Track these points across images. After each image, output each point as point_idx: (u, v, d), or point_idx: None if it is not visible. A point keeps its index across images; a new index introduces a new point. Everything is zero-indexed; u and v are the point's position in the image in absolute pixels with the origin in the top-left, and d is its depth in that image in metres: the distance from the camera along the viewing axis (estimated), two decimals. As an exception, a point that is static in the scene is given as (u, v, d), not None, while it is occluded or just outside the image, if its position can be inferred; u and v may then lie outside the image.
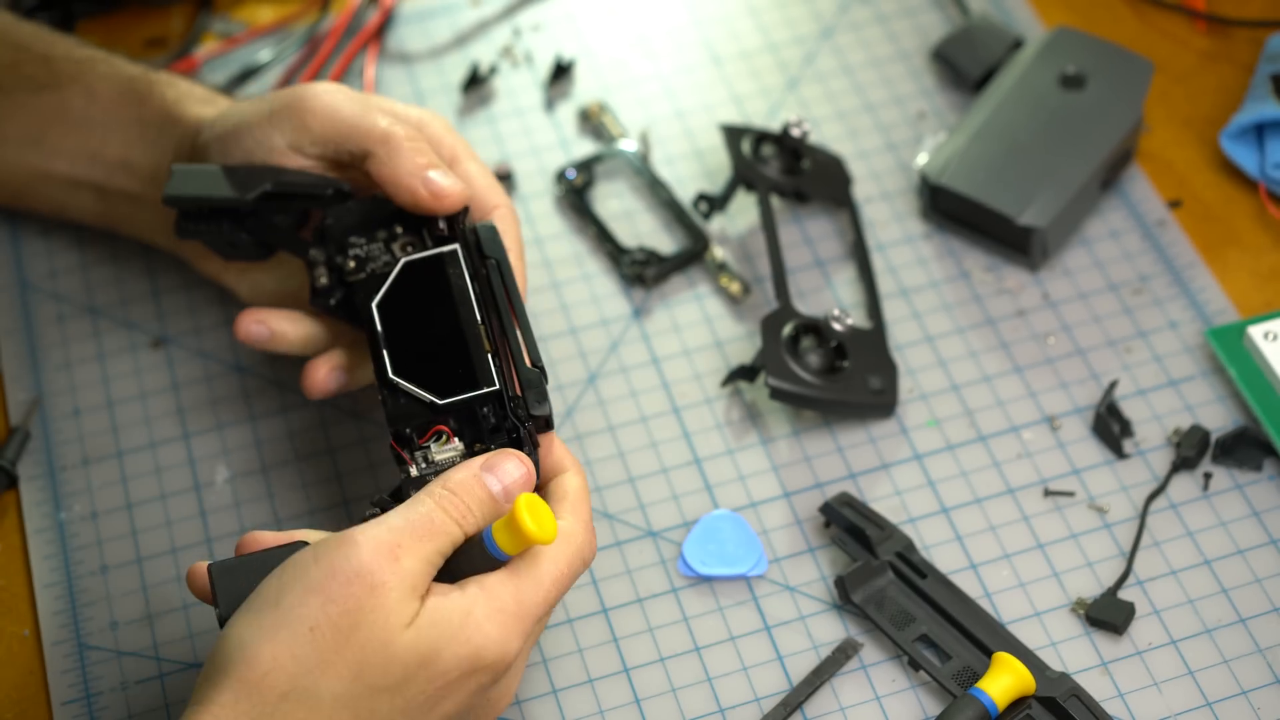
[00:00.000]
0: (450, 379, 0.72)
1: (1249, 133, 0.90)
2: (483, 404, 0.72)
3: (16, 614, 0.79)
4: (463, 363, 0.73)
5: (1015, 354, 0.85)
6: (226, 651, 0.62)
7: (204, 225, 0.79)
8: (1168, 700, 0.73)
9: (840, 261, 0.89)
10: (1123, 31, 0.98)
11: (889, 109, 0.96)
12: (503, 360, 0.73)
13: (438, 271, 0.76)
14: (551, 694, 0.75)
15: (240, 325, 0.79)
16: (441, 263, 0.76)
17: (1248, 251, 0.89)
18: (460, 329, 0.74)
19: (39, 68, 0.85)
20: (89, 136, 0.84)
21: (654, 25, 1.01)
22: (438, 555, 0.65)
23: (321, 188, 0.79)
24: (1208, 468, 0.80)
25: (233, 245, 0.80)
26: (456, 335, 0.74)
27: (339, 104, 0.78)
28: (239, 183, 0.78)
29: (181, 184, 0.78)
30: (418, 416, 0.72)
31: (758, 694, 0.74)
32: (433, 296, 0.75)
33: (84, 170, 0.85)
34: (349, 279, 0.78)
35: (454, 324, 0.74)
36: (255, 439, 0.84)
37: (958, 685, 0.73)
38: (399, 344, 0.74)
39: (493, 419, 0.72)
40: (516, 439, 0.71)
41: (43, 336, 0.88)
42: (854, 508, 0.78)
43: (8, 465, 0.82)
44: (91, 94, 0.84)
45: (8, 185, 0.87)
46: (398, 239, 0.79)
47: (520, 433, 0.71)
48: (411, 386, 0.72)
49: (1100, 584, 0.77)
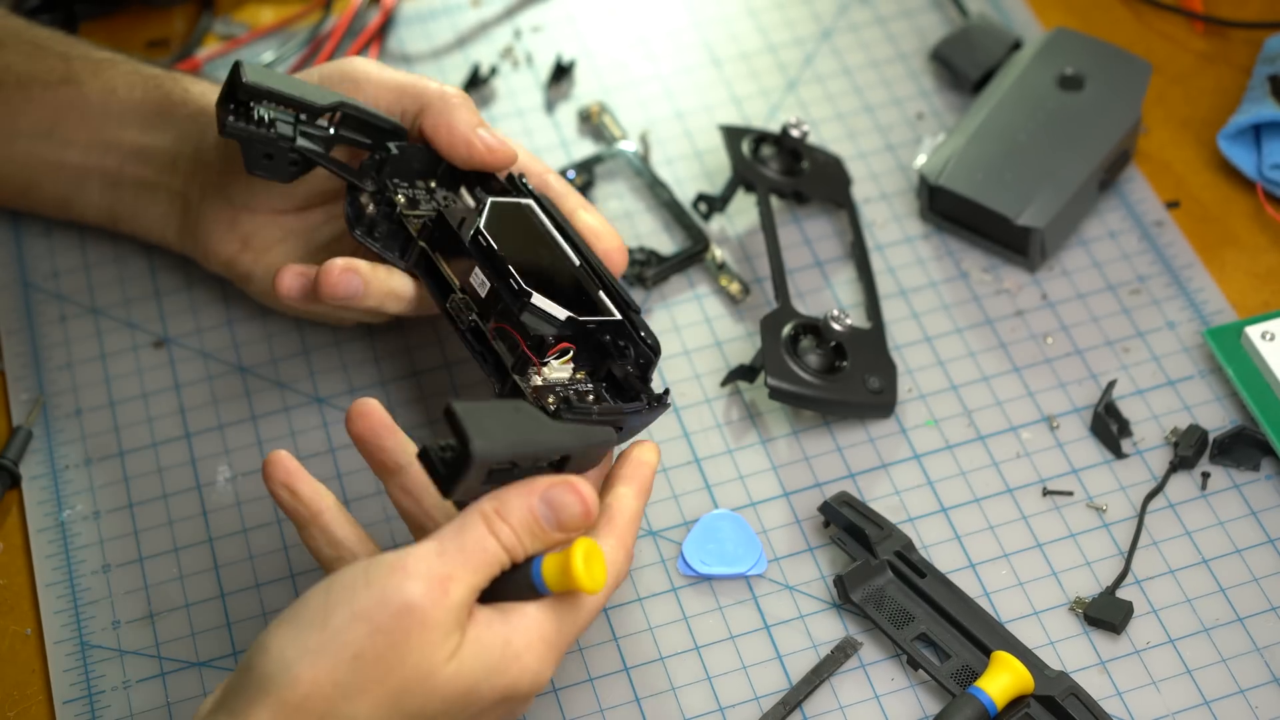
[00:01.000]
0: (575, 302, 0.74)
1: (1246, 133, 0.90)
2: (605, 331, 0.74)
3: (19, 613, 0.79)
4: (581, 293, 0.75)
5: (1014, 354, 0.85)
6: (266, 666, 0.62)
7: (254, 124, 0.75)
8: (1166, 699, 0.74)
9: (839, 262, 0.90)
10: (1121, 33, 0.98)
11: (888, 110, 0.96)
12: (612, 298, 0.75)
13: (522, 218, 0.78)
14: (552, 693, 0.75)
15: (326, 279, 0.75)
16: (523, 210, 0.78)
17: (1245, 252, 0.89)
18: (567, 264, 0.76)
19: (57, 63, 0.85)
20: (104, 125, 0.84)
21: (654, 27, 1.01)
22: (486, 583, 0.65)
23: (382, 121, 0.79)
24: (1205, 467, 0.81)
25: (269, 157, 0.76)
26: (565, 268, 0.76)
27: (385, 70, 0.80)
28: (309, 90, 0.77)
29: (257, 74, 0.75)
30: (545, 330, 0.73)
31: (757, 693, 0.75)
32: (529, 237, 0.77)
33: (96, 159, 0.85)
34: (402, 213, 0.78)
35: (560, 259, 0.76)
36: (256, 438, 0.84)
37: (956, 684, 0.73)
38: (517, 266, 0.74)
39: (614, 348, 0.74)
40: (646, 364, 0.74)
41: (45, 336, 0.88)
42: (853, 507, 0.78)
43: (10, 465, 0.82)
44: (111, 89, 0.84)
45: (15, 179, 0.87)
46: (437, 191, 0.80)
47: (651, 360, 0.73)
48: (547, 301, 0.73)
49: (1099, 583, 0.77)
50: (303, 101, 0.76)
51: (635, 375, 0.74)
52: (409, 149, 0.79)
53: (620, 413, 0.73)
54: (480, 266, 0.75)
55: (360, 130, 0.78)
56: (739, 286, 0.88)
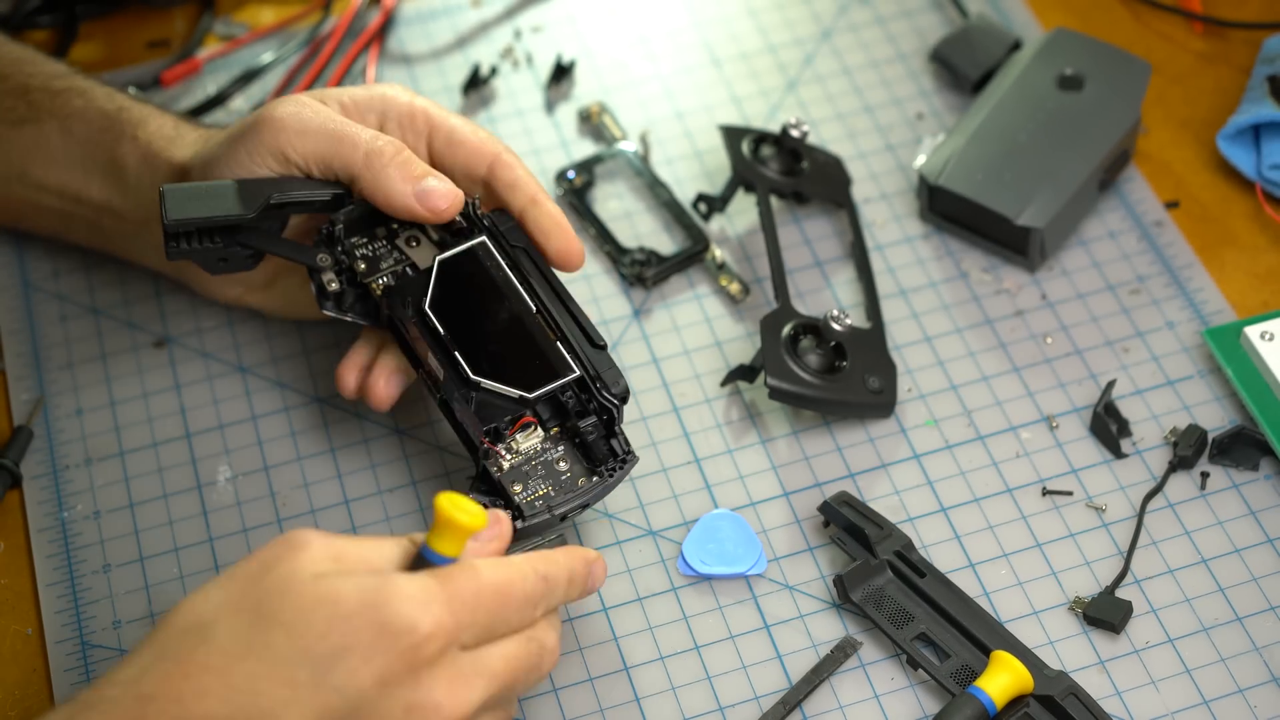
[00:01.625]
0: (528, 371, 0.75)
1: (1246, 134, 0.90)
2: (564, 391, 0.75)
3: (20, 612, 0.79)
4: (535, 354, 0.75)
5: (1013, 354, 0.85)
6: None
7: (197, 244, 0.77)
8: (1165, 698, 0.74)
9: (839, 262, 0.90)
10: (1120, 33, 0.98)
11: (888, 110, 0.96)
12: (568, 345, 0.76)
13: (474, 265, 0.77)
14: (552, 692, 0.75)
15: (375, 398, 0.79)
16: (475, 256, 0.77)
17: (1244, 252, 0.89)
18: (520, 320, 0.76)
19: (17, 100, 0.84)
20: (71, 176, 0.84)
21: (654, 27, 1.01)
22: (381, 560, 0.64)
23: (320, 193, 0.78)
24: (1205, 467, 0.81)
25: (224, 260, 0.78)
26: (518, 327, 0.76)
27: (308, 127, 0.77)
28: (237, 197, 0.76)
29: (180, 207, 0.76)
30: (501, 410, 0.75)
31: (757, 692, 0.75)
32: (479, 291, 0.77)
33: (72, 207, 0.85)
34: (363, 280, 0.78)
35: (512, 316, 0.76)
36: (257, 438, 0.84)
37: (956, 684, 0.73)
38: (465, 342, 0.75)
39: (576, 403, 0.75)
40: (609, 419, 0.75)
41: (46, 336, 0.88)
42: (853, 507, 0.78)
43: (11, 465, 0.82)
44: (68, 132, 0.83)
45: (5, 211, 0.88)
46: (399, 235, 0.80)
47: (614, 413, 0.74)
48: (496, 384, 0.74)
49: (1098, 583, 0.77)
50: (228, 219, 0.76)
51: (600, 435, 0.75)
52: (356, 207, 0.79)
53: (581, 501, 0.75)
54: (431, 350, 0.76)
55: (300, 208, 0.79)
56: (739, 286, 0.88)
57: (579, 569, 0.69)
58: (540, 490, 0.75)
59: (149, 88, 0.98)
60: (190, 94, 0.98)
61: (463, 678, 0.62)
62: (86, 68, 1.00)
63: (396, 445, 0.83)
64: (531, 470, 0.75)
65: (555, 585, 0.67)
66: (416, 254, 0.79)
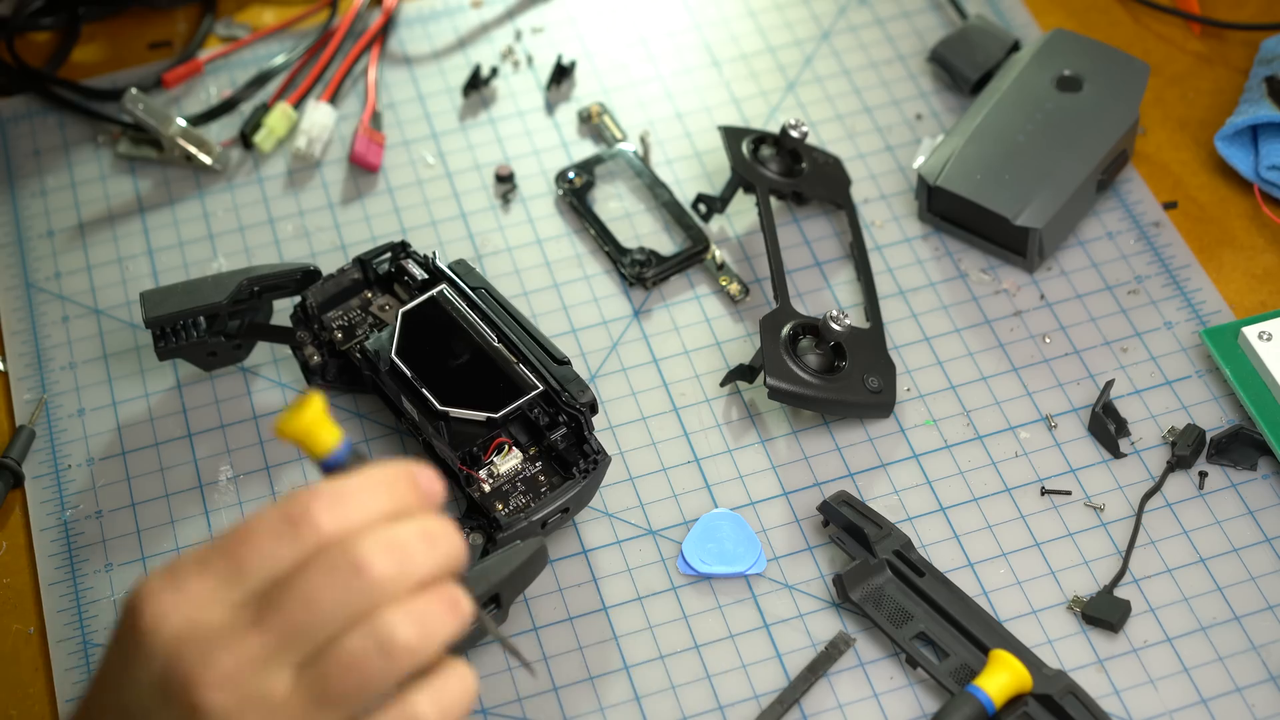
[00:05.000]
0: (494, 394, 0.78)
1: (1243, 134, 0.91)
2: (531, 407, 0.78)
3: (21, 611, 0.79)
4: (499, 378, 0.78)
5: (1012, 354, 0.86)
6: None
7: (183, 342, 0.82)
8: (1163, 697, 0.74)
9: (838, 262, 0.90)
10: (1119, 34, 0.98)
11: (887, 111, 0.96)
12: (530, 366, 0.78)
13: (436, 310, 0.81)
14: (552, 691, 0.75)
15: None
16: (435, 303, 0.81)
17: (1242, 252, 0.89)
18: (482, 350, 0.79)
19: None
20: None
21: (654, 28, 1.01)
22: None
23: (290, 274, 0.83)
24: (1203, 467, 0.81)
25: (213, 354, 0.84)
26: (481, 357, 0.79)
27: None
28: (208, 290, 0.82)
29: (156, 306, 0.81)
30: (476, 436, 0.78)
31: (756, 691, 0.75)
32: (443, 333, 0.80)
33: None
34: (341, 349, 0.83)
35: (474, 348, 0.79)
36: (258, 438, 0.84)
37: (955, 682, 0.73)
38: (433, 381, 0.78)
39: (545, 417, 0.78)
40: (577, 427, 0.77)
41: (48, 337, 0.88)
42: (852, 506, 0.78)
43: (13, 464, 0.82)
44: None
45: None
46: (373, 302, 0.84)
47: (581, 420, 0.76)
48: (463, 411, 0.78)
49: (1096, 582, 0.77)
50: (205, 308, 0.81)
51: (572, 443, 0.78)
52: (327, 283, 0.83)
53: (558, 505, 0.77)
54: (403, 394, 0.79)
55: (273, 291, 0.83)
56: (739, 286, 0.89)
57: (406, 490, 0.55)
58: (521, 503, 0.77)
59: (151, 89, 0.98)
60: (192, 94, 0.99)
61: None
62: (88, 69, 1.01)
63: (397, 445, 0.84)
64: (512, 488, 0.78)
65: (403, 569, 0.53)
66: (389, 315, 0.84)
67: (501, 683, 0.75)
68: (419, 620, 0.53)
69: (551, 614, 0.77)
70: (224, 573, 0.53)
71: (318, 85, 0.98)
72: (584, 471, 0.77)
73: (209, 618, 0.52)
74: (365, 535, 0.53)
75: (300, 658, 0.52)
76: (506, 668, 0.76)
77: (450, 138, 0.96)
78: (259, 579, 0.52)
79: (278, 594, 0.52)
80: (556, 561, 0.79)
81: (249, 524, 0.53)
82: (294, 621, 0.52)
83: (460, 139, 0.96)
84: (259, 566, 0.52)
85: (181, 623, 0.52)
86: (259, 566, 0.52)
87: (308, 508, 0.53)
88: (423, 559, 0.53)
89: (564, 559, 0.79)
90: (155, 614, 0.52)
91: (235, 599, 0.52)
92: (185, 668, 0.52)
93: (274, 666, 0.52)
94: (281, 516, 0.53)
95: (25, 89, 0.99)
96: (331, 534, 0.53)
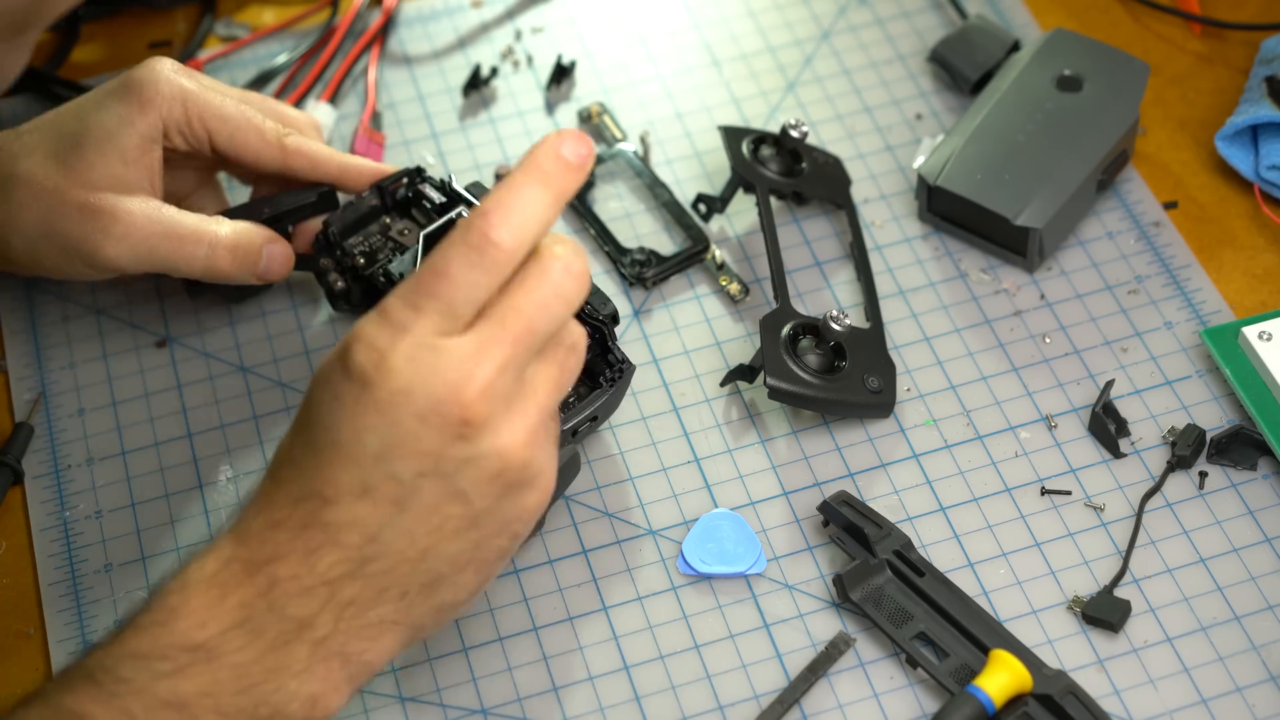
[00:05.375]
0: None
1: (1244, 134, 0.91)
2: None
3: (21, 611, 0.79)
4: None
5: (1012, 354, 0.86)
6: None
7: None
8: (1163, 697, 0.74)
9: (838, 262, 0.90)
10: (1119, 34, 0.99)
11: (887, 111, 0.96)
12: None
13: None
14: (552, 691, 0.75)
15: (275, 258, 0.83)
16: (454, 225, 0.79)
17: (1242, 252, 0.89)
18: None
19: None
20: None
21: (654, 27, 1.02)
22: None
23: (308, 196, 0.84)
24: (1203, 467, 0.81)
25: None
26: None
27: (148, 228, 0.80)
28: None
29: None
30: None
31: (756, 691, 0.75)
32: None
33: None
34: (365, 273, 0.83)
35: None
36: (258, 438, 0.84)
37: (955, 683, 0.73)
38: None
39: None
40: (601, 338, 0.78)
41: (48, 336, 0.88)
42: (852, 506, 0.78)
43: (13, 462, 0.82)
44: None
45: None
46: (391, 227, 0.84)
47: (605, 330, 0.78)
48: None
49: (1096, 582, 0.77)
50: None
51: (598, 354, 0.78)
52: (346, 210, 0.84)
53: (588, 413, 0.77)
54: None
55: (293, 215, 0.85)
56: (739, 286, 0.89)
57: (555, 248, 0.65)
58: None
59: (150, 88, 0.98)
60: (191, 95, 0.99)
61: (518, 414, 0.64)
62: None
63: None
64: None
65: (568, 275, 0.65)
66: (409, 239, 0.84)
67: (502, 683, 0.75)
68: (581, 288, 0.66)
69: (551, 614, 0.77)
70: (440, 310, 0.62)
71: (317, 85, 0.98)
72: (610, 380, 0.78)
73: (448, 345, 0.62)
74: (551, 245, 0.64)
75: (531, 356, 0.64)
76: (506, 668, 0.76)
77: (450, 138, 0.96)
78: (469, 306, 0.62)
79: (499, 312, 0.63)
80: (556, 561, 0.79)
81: (440, 265, 0.62)
82: (524, 328, 0.63)
83: (460, 139, 0.96)
84: (467, 297, 0.62)
85: (426, 355, 0.61)
86: (467, 297, 0.62)
87: (485, 232, 0.62)
88: (575, 248, 0.65)
89: (564, 559, 0.79)
90: (399, 355, 0.61)
91: (459, 328, 0.62)
92: (445, 392, 0.61)
93: (514, 370, 0.63)
94: (466, 247, 0.62)
95: (25, 89, 0.99)
96: (513, 249, 0.63)
